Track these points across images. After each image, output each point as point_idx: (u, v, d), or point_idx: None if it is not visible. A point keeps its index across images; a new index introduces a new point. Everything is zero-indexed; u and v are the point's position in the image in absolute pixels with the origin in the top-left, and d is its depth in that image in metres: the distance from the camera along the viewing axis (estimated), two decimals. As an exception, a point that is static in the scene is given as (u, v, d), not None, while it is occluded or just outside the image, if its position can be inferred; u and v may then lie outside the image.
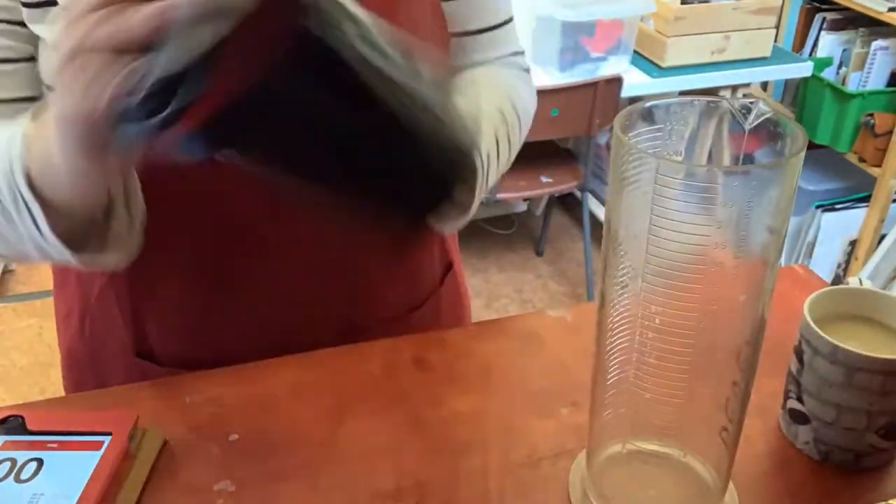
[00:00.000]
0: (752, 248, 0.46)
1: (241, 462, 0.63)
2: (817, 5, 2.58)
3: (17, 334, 2.38)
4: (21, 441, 0.62)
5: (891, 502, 0.58)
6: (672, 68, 2.29)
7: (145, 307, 0.74)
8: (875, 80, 2.47)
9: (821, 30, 2.55)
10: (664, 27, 2.27)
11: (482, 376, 0.72)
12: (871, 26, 2.43)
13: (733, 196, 0.43)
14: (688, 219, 0.44)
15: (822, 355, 0.59)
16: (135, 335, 0.76)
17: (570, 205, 3.07)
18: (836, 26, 2.52)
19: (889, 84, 2.46)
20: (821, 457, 0.62)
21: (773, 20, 2.36)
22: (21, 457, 0.61)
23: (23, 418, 0.63)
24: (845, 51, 2.51)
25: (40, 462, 0.60)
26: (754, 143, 0.48)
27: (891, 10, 2.25)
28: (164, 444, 0.65)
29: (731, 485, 0.59)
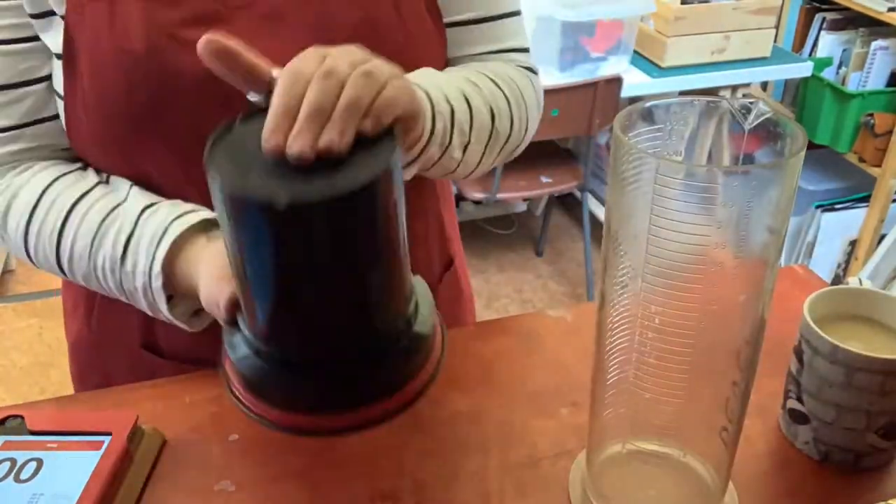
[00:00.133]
0: (752, 248, 0.46)
1: (241, 462, 0.63)
2: (817, 5, 2.58)
3: (17, 334, 2.38)
4: (21, 441, 0.62)
5: (891, 502, 0.58)
6: (672, 68, 2.29)
7: None
8: (875, 80, 2.47)
9: (821, 30, 2.55)
10: (664, 27, 2.27)
11: (482, 376, 0.72)
12: (871, 26, 2.43)
13: (733, 196, 0.43)
14: (688, 219, 0.44)
15: (821, 355, 0.59)
16: (142, 328, 0.76)
17: (570, 205, 3.07)
18: (835, 26, 2.52)
19: (889, 84, 2.46)
20: (821, 457, 0.62)
21: (773, 20, 2.36)
22: (21, 457, 0.61)
23: (23, 418, 0.63)
24: (845, 51, 2.51)
25: (40, 462, 0.60)
26: (754, 143, 0.48)
27: (891, 10, 2.25)
28: (164, 444, 0.65)
29: (731, 485, 0.59)
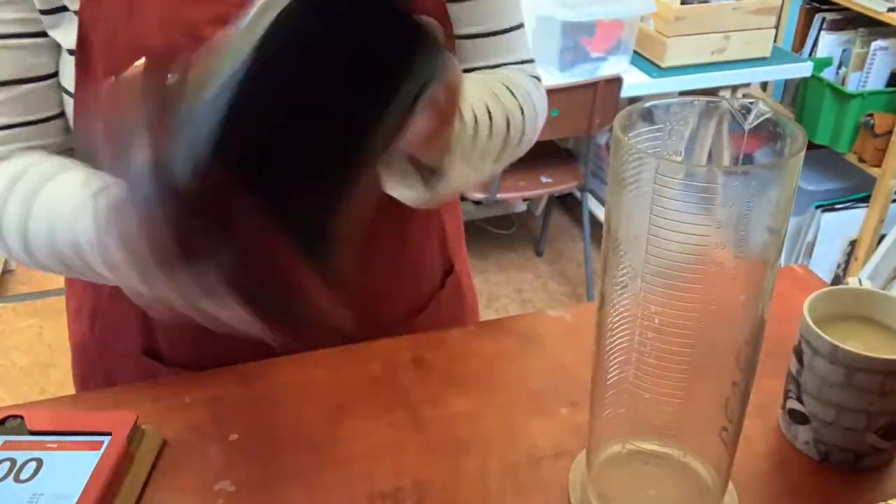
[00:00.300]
0: (751, 248, 0.46)
1: (241, 462, 0.63)
2: (817, 5, 2.58)
3: (17, 334, 2.38)
4: (21, 441, 0.62)
5: (891, 502, 0.58)
6: (672, 68, 2.29)
7: None
8: (875, 80, 2.47)
9: (820, 30, 2.55)
10: (664, 27, 2.27)
11: (482, 376, 0.72)
12: (871, 26, 2.43)
13: (733, 196, 0.43)
14: (688, 219, 0.44)
15: (821, 355, 0.59)
16: (144, 335, 0.76)
17: (569, 205, 3.07)
18: (835, 26, 2.52)
19: (889, 84, 2.46)
20: (820, 457, 0.62)
21: (773, 20, 2.36)
22: (21, 457, 0.61)
23: (23, 418, 0.63)
24: (845, 51, 2.51)
25: (40, 462, 0.60)
26: (754, 143, 0.48)
27: (890, 10, 2.25)
28: (164, 444, 0.65)
29: (730, 485, 0.59)
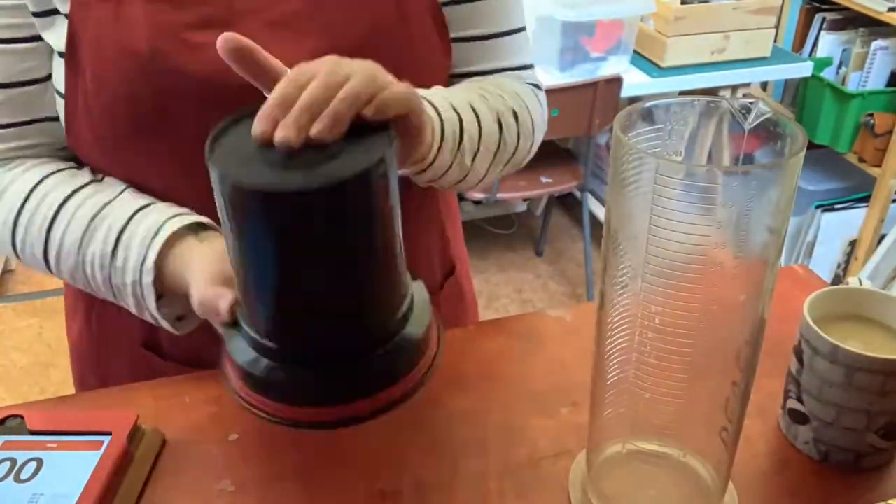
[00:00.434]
0: (752, 248, 0.46)
1: (241, 462, 0.63)
2: (817, 5, 2.58)
3: (17, 334, 2.38)
4: (21, 441, 0.62)
5: (891, 502, 0.58)
6: (672, 68, 2.29)
7: None
8: (875, 80, 2.47)
9: (821, 30, 2.55)
10: (664, 27, 2.27)
11: (482, 376, 0.72)
12: (871, 26, 2.43)
13: (733, 196, 0.43)
14: (688, 219, 0.44)
15: (821, 355, 0.59)
16: (143, 328, 0.76)
17: (569, 205, 3.07)
18: (835, 26, 2.52)
19: (889, 84, 2.46)
20: (821, 457, 0.62)
21: (773, 20, 2.36)
22: (21, 457, 0.61)
23: (23, 418, 0.63)
24: (845, 51, 2.51)
25: (40, 462, 0.60)
26: (754, 143, 0.48)
27: (891, 10, 2.25)
28: (164, 444, 0.65)
29: (730, 485, 0.59)
